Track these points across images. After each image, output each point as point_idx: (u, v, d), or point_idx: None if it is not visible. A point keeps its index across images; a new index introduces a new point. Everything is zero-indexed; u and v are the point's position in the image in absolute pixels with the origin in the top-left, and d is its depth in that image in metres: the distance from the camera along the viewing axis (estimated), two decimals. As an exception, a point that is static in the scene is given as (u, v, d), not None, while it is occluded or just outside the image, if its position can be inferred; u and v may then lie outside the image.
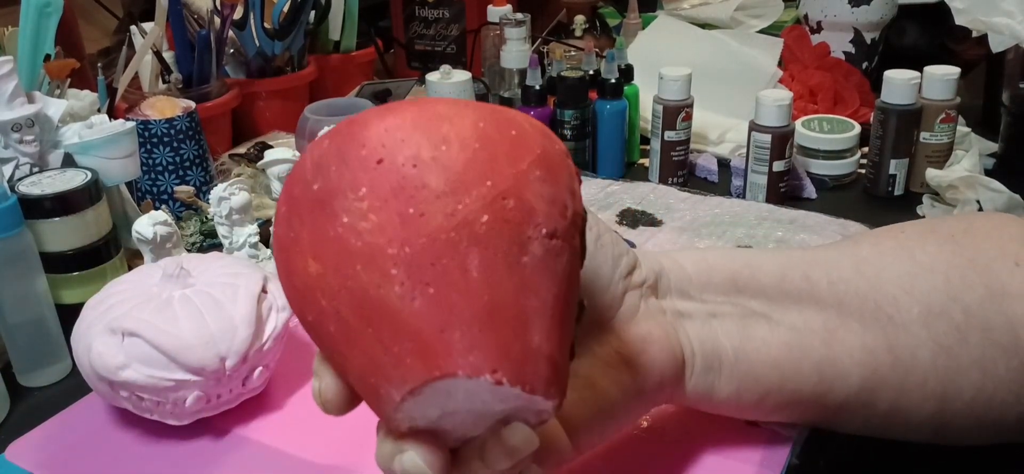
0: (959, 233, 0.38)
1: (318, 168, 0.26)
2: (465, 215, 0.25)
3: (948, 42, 1.00)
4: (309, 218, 0.26)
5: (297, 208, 0.27)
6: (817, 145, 0.77)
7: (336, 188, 0.25)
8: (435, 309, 0.24)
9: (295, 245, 0.26)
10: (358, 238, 0.25)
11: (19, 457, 0.43)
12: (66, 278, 0.53)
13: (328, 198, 0.25)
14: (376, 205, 0.25)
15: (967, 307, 0.35)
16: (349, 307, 0.25)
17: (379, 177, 0.25)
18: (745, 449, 0.40)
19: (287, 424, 0.45)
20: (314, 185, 0.26)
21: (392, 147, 0.25)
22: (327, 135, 0.27)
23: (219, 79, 0.89)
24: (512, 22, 0.95)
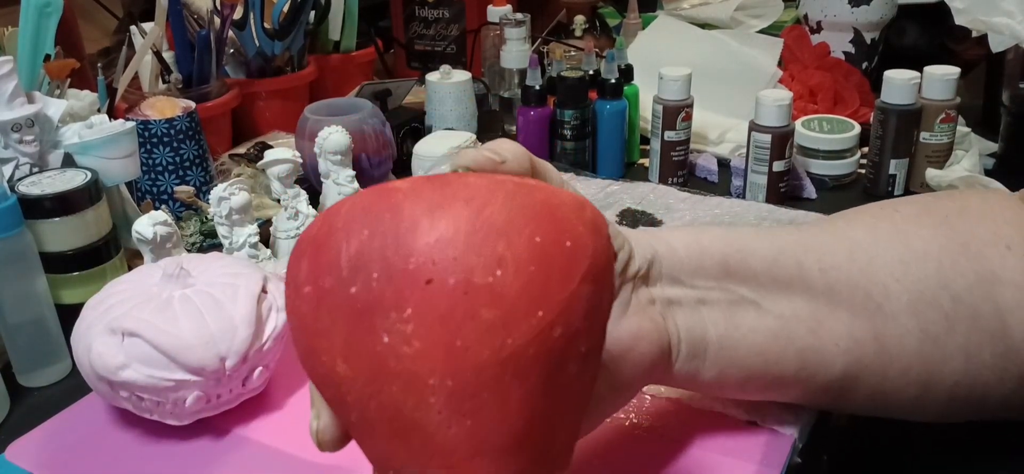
0: (953, 214, 0.38)
1: (357, 269, 0.24)
2: (512, 350, 0.23)
3: (948, 42, 1.00)
4: (343, 322, 0.24)
5: (329, 304, 0.24)
6: (817, 145, 0.77)
7: (378, 303, 0.23)
8: (469, 438, 0.24)
9: (323, 339, 0.24)
10: (398, 362, 0.23)
11: (19, 457, 0.43)
12: (66, 278, 0.53)
13: (368, 311, 0.23)
14: (421, 331, 0.23)
15: (957, 295, 0.35)
16: (378, 414, 0.24)
17: (427, 300, 0.23)
18: (745, 449, 0.40)
19: (287, 424, 0.45)
20: (352, 287, 0.23)
21: (443, 267, 0.23)
22: (364, 218, 0.24)
23: (219, 79, 0.89)
24: (512, 22, 0.95)
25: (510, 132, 0.97)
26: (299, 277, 0.25)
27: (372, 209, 0.24)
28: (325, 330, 0.24)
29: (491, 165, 0.31)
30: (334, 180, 0.70)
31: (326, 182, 0.70)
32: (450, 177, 0.25)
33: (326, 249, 0.24)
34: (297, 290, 0.25)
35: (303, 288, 0.25)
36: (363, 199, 0.25)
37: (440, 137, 0.79)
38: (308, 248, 0.25)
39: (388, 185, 0.25)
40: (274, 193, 0.66)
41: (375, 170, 0.77)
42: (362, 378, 0.24)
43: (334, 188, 0.70)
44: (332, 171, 0.69)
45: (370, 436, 0.25)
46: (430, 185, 0.24)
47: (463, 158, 0.31)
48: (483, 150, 0.31)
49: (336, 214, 0.25)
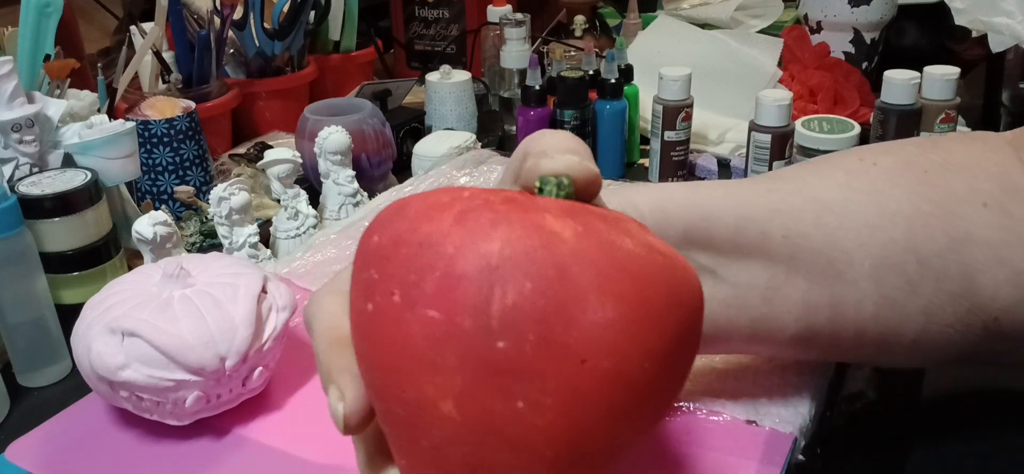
0: (934, 168, 0.37)
1: (510, 325, 0.21)
2: (633, 434, 0.24)
3: (948, 42, 1.00)
4: (474, 370, 0.22)
5: (461, 346, 0.22)
6: (817, 145, 0.77)
7: (524, 368, 0.21)
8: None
9: (436, 373, 0.22)
10: (521, 429, 0.22)
11: (19, 457, 0.43)
12: (66, 278, 0.54)
13: (509, 372, 0.21)
14: (559, 406, 0.22)
15: (924, 258, 0.35)
16: (463, 460, 0.23)
17: (576, 378, 0.22)
18: (745, 449, 0.40)
19: (287, 424, 0.45)
20: (499, 342, 0.21)
21: (601, 349, 0.22)
22: (528, 268, 0.22)
23: (219, 79, 0.89)
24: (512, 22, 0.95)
25: (510, 132, 0.98)
26: (419, 294, 0.22)
27: (536, 260, 0.22)
28: (442, 366, 0.22)
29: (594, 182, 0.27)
30: (334, 180, 0.70)
31: (326, 182, 0.70)
32: (613, 235, 0.23)
33: (472, 285, 0.22)
34: (411, 307, 0.22)
35: (425, 310, 0.22)
36: (523, 240, 0.22)
37: (440, 137, 0.79)
38: (441, 266, 0.22)
39: (543, 222, 0.23)
40: (274, 193, 0.66)
41: (375, 170, 0.77)
42: (468, 427, 0.22)
43: (334, 188, 0.70)
44: (332, 171, 0.70)
45: (431, 465, 0.23)
46: (595, 244, 0.23)
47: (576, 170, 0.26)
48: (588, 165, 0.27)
49: (487, 242, 0.22)
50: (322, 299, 0.29)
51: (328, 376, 0.26)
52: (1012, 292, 0.35)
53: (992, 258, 0.35)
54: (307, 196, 0.67)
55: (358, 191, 0.71)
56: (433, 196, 0.24)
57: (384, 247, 0.23)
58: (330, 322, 0.27)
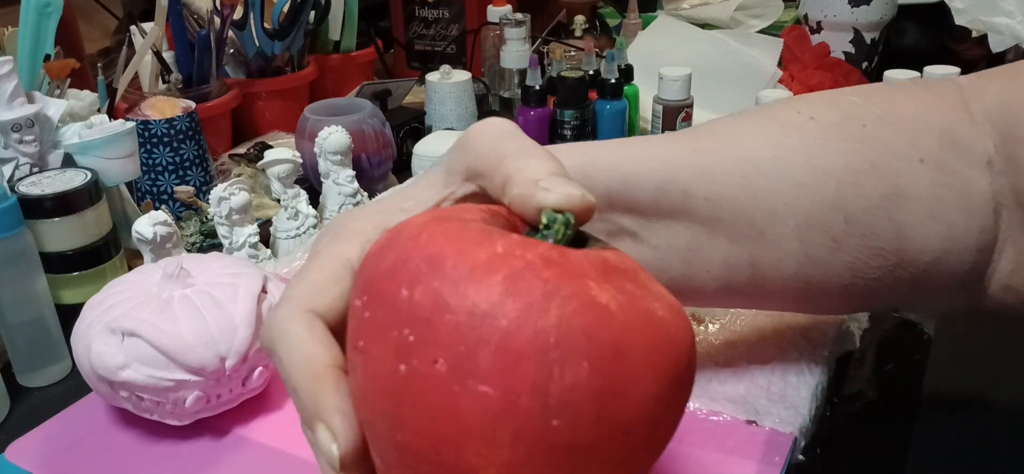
0: (873, 121, 0.36)
1: (568, 406, 0.21)
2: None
3: (948, 42, 1.00)
4: (525, 447, 0.22)
5: (515, 424, 0.21)
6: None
7: (582, 447, 0.22)
8: None
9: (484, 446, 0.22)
10: None
11: (19, 457, 0.43)
12: (66, 278, 0.54)
13: (566, 450, 0.22)
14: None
15: (851, 216, 0.35)
16: None
17: (628, 452, 0.22)
18: (745, 449, 0.40)
19: (287, 424, 0.45)
20: (554, 420, 0.21)
21: (649, 423, 0.23)
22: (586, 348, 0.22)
23: (219, 79, 0.89)
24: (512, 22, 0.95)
25: (510, 132, 0.97)
26: (471, 367, 0.22)
27: (593, 339, 0.22)
28: (493, 440, 0.22)
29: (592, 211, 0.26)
30: (334, 180, 0.70)
31: (326, 182, 0.70)
32: (646, 300, 0.24)
33: (531, 364, 0.21)
34: (461, 380, 0.22)
35: (478, 385, 0.22)
36: (578, 317, 0.22)
37: (440, 137, 0.79)
38: (495, 341, 0.22)
39: (591, 293, 0.23)
40: (274, 193, 0.66)
41: (375, 170, 0.77)
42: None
43: (334, 188, 0.70)
44: (332, 171, 0.70)
45: None
46: (637, 317, 0.23)
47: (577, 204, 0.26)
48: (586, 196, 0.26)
49: (543, 318, 0.22)
50: (286, 324, 0.26)
51: (315, 415, 0.25)
52: (941, 246, 0.35)
53: (925, 214, 0.34)
54: (307, 196, 0.67)
55: (358, 191, 0.71)
56: (467, 248, 0.23)
57: (423, 308, 0.22)
58: (305, 353, 0.25)
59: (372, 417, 0.24)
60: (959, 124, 0.35)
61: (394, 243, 0.25)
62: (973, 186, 0.35)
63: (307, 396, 0.25)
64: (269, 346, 0.27)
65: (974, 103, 0.36)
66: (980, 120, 0.35)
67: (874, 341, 0.50)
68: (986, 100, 0.36)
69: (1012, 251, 0.35)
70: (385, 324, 0.23)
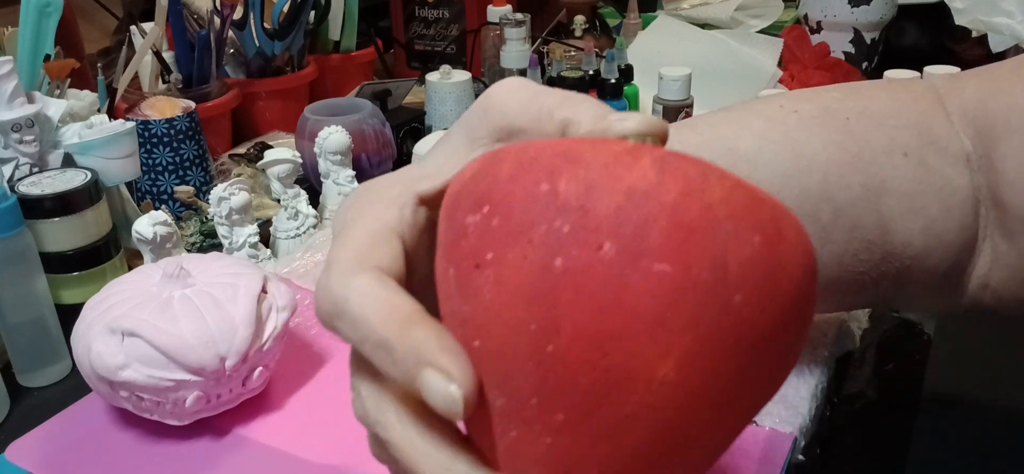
0: (855, 117, 0.36)
1: (744, 279, 0.20)
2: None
3: (948, 42, 1.00)
4: (706, 327, 0.20)
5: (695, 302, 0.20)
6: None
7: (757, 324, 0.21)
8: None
9: (658, 331, 0.20)
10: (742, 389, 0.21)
11: (19, 457, 0.43)
12: (66, 278, 0.53)
13: (742, 329, 0.20)
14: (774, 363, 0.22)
15: (838, 207, 0.35)
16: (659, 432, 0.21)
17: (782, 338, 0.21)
18: (745, 448, 0.40)
19: (287, 424, 0.45)
20: (735, 296, 0.20)
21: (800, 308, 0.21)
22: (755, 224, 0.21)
23: (219, 79, 0.89)
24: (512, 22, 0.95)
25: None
26: (642, 246, 0.20)
27: (757, 214, 0.21)
28: (671, 324, 0.20)
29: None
30: (334, 180, 0.70)
31: (326, 182, 0.70)
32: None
33: (706, 236, 0.20)
34: (633, 260, 0.20)
35: (652, 263, 0.20)
36: (738, 193, 0.21)
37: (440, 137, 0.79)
38: (664, 217, 0.20)
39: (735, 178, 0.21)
40: (274, 193, 0.66)
41: (375, 170, 0.77)
42: (684, 390, 0.20)
43: (334, 188, 0.70)
44: (332, 171, 0.70)
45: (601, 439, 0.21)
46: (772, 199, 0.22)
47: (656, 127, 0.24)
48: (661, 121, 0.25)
49: (707, 194, 0.20)
50: (349, 282, 0.23)
51: (418, 361, 0.21)
52: (923, 241, 0.35)
53: (907, 208, 0.35)
54: (307, 196, 0.67)
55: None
56: (597, 144, 0.22)
57: (572, 196, 0.21)
58: (387, 300, 0.22)
59: (506, 338, 0.21)
60: (936, 122, 0.36)
61: (504, 156, 0.22)
62: (952, 183, 0.35)
63: (403, 343, 0.22)
64: (331, 312, 0.23)
65: (950, 103, 0.36)
66: (957, 119, 0.36)
67: (874, 341, 0.50)
68: (963, 99, 0.36)
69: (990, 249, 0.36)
70: (525, 224, 0.21)
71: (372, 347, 0.22)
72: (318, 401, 0.46)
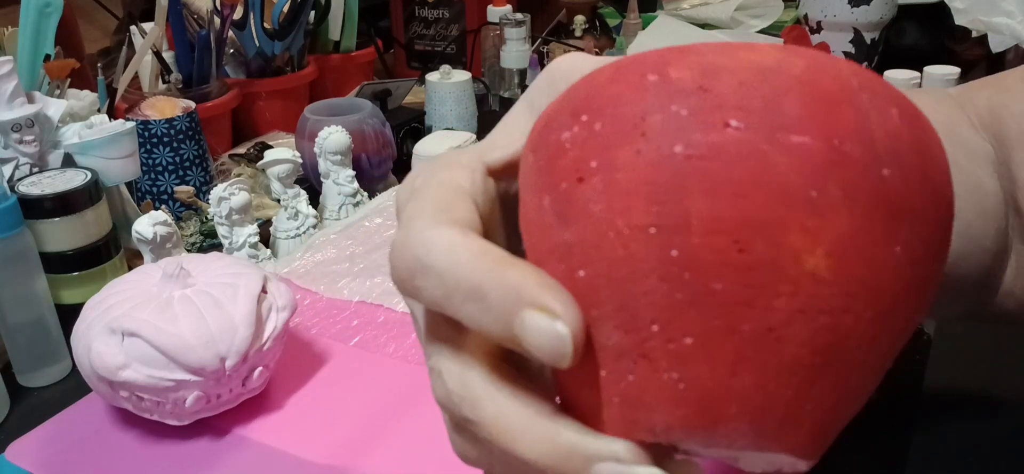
0: None
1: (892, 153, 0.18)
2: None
3: (948, 42, 1.00)
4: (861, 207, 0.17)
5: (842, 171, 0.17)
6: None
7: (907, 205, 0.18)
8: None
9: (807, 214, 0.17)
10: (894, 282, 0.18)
11: (19, 457, 0.43)
12: (66, 278, 0.53)
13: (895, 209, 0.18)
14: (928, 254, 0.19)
15: None
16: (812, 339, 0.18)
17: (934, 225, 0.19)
18: (745, 449, 0.40)
19: (287, 424, 0.45)
20: (884, 169, 0.18)
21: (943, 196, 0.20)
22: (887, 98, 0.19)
23: (219, 79, 0.89)
24: (512, 22, 0.95)
25: (510, 132, 0.97)
26: (778, 119, 0.17)
27: (889, 89, 0.19)
28: (823, 205, 0.17)
29: None
30: (334, 180, 0.70)
31: (326, 182, 0.70)
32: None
33: (848, 107, 0.18)
34: (769, 136, 0.17)
35: (791, 137, 0.17)
36: (864, 70, 0.19)
37: (440, 137, 0.79)
38: (796, 89, 0.18)
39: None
40: (274, 193, 0.66)
41: (375, 170, 0.77)
42: (838, 286, 0.17)
43: (334, 188, 0.70)
44: (332, 171, 0.69)
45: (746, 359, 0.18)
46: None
47: None
48: None
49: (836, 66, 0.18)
50: (429, 234, 0.21)
51: (516, 305, 0.19)
52: (961, 246, 0.34)
53: None
54: (307, 196, 0.67)
55: (358, 191, 0.71)
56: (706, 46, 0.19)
57: (686, 81, 0.18)
58: (475, 246, 0.20)
59: (619, 255, 0.18)
60: (960, 125, 0.36)
61: (598, 71, 0.20)
62: (984, 185, 0.35)
63: (500, 287, 0.19)
64: (413, 268, 0.21)
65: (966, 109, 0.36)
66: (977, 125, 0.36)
67: (874, 341, 0.50)
68: (977, 107, 0.36)
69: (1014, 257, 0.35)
70: (635, 117, 0.18)
71: (462, 298, 0.20)
72: (318, 401, 0.46)
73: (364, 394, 0.46)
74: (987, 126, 0.35)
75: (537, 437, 0.20)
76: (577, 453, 0.20)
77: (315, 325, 0.53)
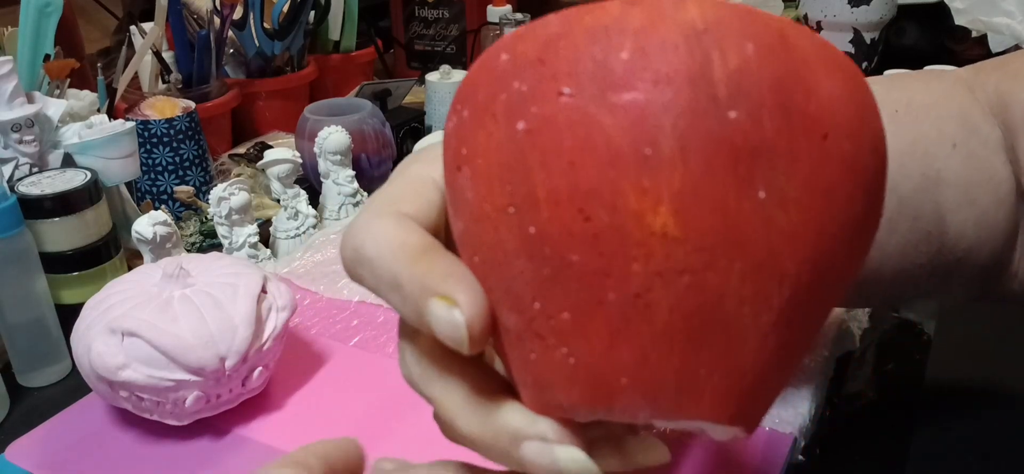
0: (902, 108, 0.36)
1: (740, 93, 0.17)
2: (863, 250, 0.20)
3: (948, 42, 1.00)
4: (700, 157, 0.16)
5: (681, 125, 0.16)
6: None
7: (766, 146, 0.17)
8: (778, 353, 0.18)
9: (642, 174, 0.16)
10: (763, 231, 0.17)
11: (19, 457, 0.43)
12: (66, 278, 0.53)
13: (748, 152, 0.16)
14: (804, 200, 0.17)
15: (902, 197, 0.35)
16: (677, 301, 0.17)
17: (820, 161, 0.17)
18: (745, 449, 0.40)
19: (287, 424, 0.45)
20: (730, 112, 0.16)
21: (841, 126, 0.18)
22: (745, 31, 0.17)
23: (219, 79, 0.89)
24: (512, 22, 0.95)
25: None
26: (606, 79, 0.17)
27: (749, 23, 0.17)
28: (657, 161, 0.16)
29: None
30: (334, 180, 0.70)
31: (326, 182, 0.70)
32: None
33: (681, 50, 0.17)
34: (598, 97, 0.17)
35: (619, 95, 0.17)
36: (722, 8, 0.18)
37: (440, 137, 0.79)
38: (628, 44, 0.17)
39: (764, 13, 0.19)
40: (274, 193, 0.66)
41: (375, 170, 0.77)
42: (692, 243, 0.16)
43: (334, 188, 0.70)
44: (332, 171, 0.69)
45: (621, 330, 0.17)
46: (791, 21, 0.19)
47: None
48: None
49: (682, 11, 0.17)
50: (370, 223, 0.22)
51: (423, 290, 0.20)
52: (976, 233, 0.35)
53: (962, 199, 0.35)
54: (307, 196, 0.67)
55: (358, 191, 0.71)
56: (557, 15, 0.19)
57: (529, 53, 0.18)
58: (400, 235, 0.21)
59: (493, 237, 0.19)
60: (974, 113, 0.36)
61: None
62: (999, 173, 0.35)
63: (410, 278, 0.20)
64: (352, 259, 0.22)
65: (978, 93, 0.36)
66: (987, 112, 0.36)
67: (874, 341, 0.50)
68: (987, 92, 0.36)
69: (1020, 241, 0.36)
70: (487, 99, 0.19)
71: (387, 287, 0.21)
72: (318, 401, 0.46)
73: (364, 394, 0.46)
74: (996, 112, 0.36)
75: (471, 416, 0.21)
76: (505, 432, 0.20)
77: (315, 325, 0.53)
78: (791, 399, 0.43)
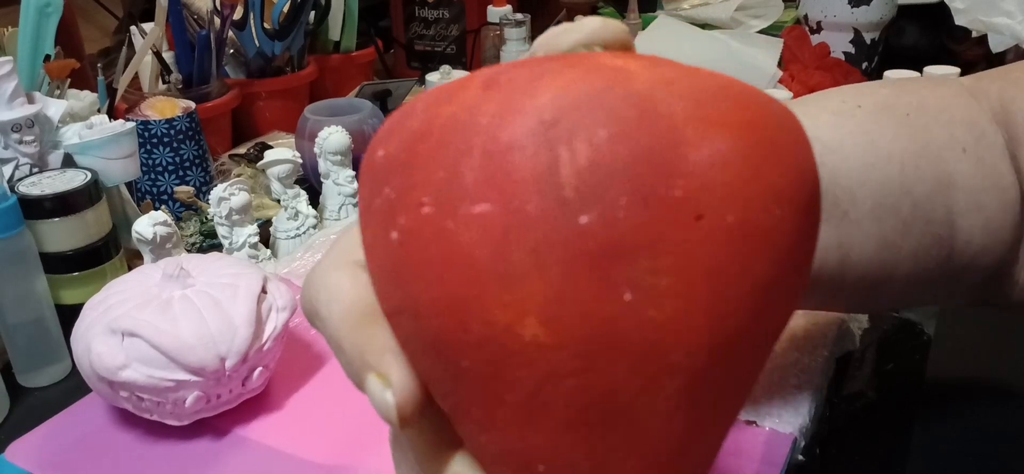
0: (913, 111, 0.36)
1: (591, 191, 0.16)
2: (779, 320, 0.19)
3: (948, 42, 1.00)
4: (557, 266, 0.16)
5: (532, 237, 0.16)
6: (817, 145, 0.77)
7: (624, 242, 0.16)
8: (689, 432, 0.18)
9: (505, 287, 0.16)
10: (637, 329, 0.16)
11: (19, 457, 0.43)
12: (66, 278, 0.53)
13: (605, 254, 0.16)
14: (680, 288, 0.16)
15: (916, 200, 0.35)
16: (568, 398, 0.17)
17: (695, 244, 0.16)
18: (745, 449, 0.40)
19: (287, 424, 0.45)
20: (581, 217, 0.16)
21: (719, 198, 0.16)
22: (596, 112, 0.16)
23: (219, 79, 0.89)
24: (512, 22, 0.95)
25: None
26: (457, 191, 0.16)
27: (605, 101, 0.16)
28: (513, 275, 0.16)
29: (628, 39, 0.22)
30: (334, 180, 0.70)
31: (326, 182, 0.70)
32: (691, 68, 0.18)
33: (526, 152, 0.16)
34: (452, 212, 0.16)
35: (471, 208, 0.16)
36: (580, 83, 0.16)
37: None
38: (478, 144, 0.16)
39: (600, 62, 0.17)
40: (274, 193, 0.66)
41: (375, 170, 0.77)
42: (568, 349, 0.16)
43: (334, 188, 0.70)
44: (332, 171, 0.69)
45: (526, 424, 0.17)
46: (676, 72, 0.18)
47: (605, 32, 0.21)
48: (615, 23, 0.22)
49: (532, 97, 0.16)
50: (326, 276, 0.22)
51: (362, 364, 0.20)
52: (983, 238, 0.35)
53: (971, 204, 0.35)
54: (307, 196, 0.67)
55: (358, 191, 0.71)
56: (452, 83, 0.19)
57: (397, 154, 0.18)
58: (348, 298, 0.21)
59: (402, 330, 0.19)
60: (980, 118, 0.36)
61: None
62: (1006, 178, 0.35)
63: (352, 346, 0.20)
64: (311, 304, 0.22)
65: (982, 101, 0.36)
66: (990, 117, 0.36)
67: (874, 341, 0.50)
68: (990, 99, 0.36)
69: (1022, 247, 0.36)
70: (367, 198, 0.18)
71: (334, 348, 0.21)
72: (318, 401, 0.46)
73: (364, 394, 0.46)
74: (999, 119, 0.36)
75: (428, 465, 0.21)
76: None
77: (315, 325, 0.53)
78: (791, 399, 0.43)
